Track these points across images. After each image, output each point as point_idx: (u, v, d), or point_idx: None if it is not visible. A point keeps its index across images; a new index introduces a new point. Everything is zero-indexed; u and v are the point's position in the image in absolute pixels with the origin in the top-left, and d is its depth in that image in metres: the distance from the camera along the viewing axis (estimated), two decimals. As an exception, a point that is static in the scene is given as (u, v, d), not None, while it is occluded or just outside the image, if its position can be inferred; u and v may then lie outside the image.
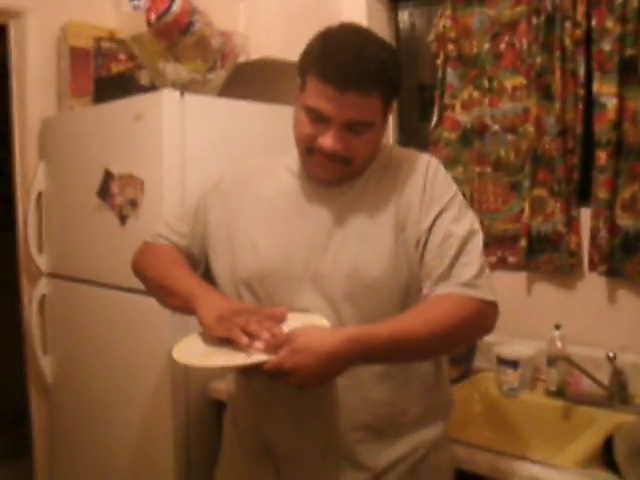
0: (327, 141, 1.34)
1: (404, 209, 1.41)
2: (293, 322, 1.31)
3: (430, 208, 1.40)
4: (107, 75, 2.69)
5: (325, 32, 1.36)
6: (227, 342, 1.29)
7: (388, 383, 1.42)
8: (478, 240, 1.40)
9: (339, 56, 1.28)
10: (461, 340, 1.44)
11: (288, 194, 1.49)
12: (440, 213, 1.39)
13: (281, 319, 1.31)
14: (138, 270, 1.63)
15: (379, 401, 1.42)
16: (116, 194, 2.30)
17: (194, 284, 1.44)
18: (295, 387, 1.20)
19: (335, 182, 1.44)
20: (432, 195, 1.41)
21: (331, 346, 1.18)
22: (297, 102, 1.41)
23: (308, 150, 1.39)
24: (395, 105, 1.44)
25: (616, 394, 2.01)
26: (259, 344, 1.23)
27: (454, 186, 1.46)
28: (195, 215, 1.58)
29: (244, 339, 1.25)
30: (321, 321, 1.32)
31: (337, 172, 1.41)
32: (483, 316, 1.35)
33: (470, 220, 1.42)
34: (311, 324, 1.29)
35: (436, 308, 1.32)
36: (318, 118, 1.34)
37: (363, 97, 1.30)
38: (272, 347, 1.21)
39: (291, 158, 1.53)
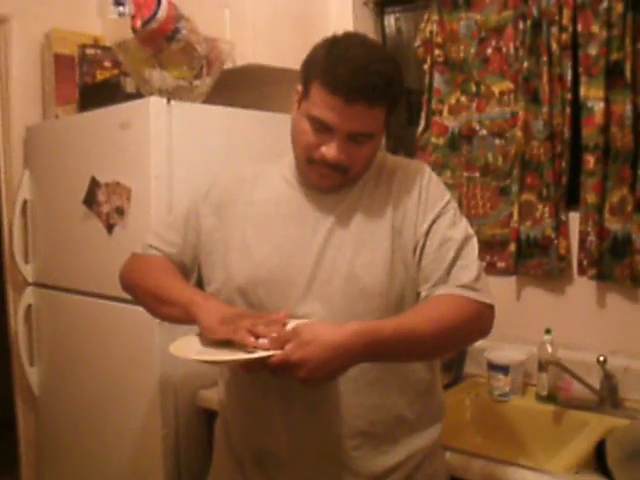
0: (331, 151, 1.34)
1: (400, 215, 1.42)
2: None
3: (426, 214, 1.42)
4: (92, 82, 2.67)
5: (331, 40, 1.36)
6: (224, 343, 1.27)
7: (382, 389, 1.42)
8: (474, 244, 1.43)
9: (347, 68, 1.28)
10: (461, 340, 1.44)
11: (283, 200, 1.48)
12: (436, 218, 1.42)
13: (283, 324, 1.30)
14: (127, 281, 1.60)
15: (374, 407, 1.41)
16: (102, 202, 2.28)
17: (192, 292, 1.43)
18: (300, 381, 1.19)
19: (332, 190, 1.44)
20: (427, 201, 1.43)
21: (337, 339, 1.18)
22: (298, 110, 1.40)
23: (309, 159, 1.39)
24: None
25: (607, 398, 2.01)
26: (263, 341, 1.22)
27: (447, 192, 1.49)
28: (186, 223, 1.56)
29: (251, 339, 1.23)
30: None
31: (336, 181, 1.41)
32: (482, 318, 1.38)
33: (465, 225, 1.45)
34: None
35: (438, 308, 1.33)
36: (322, 128, 1.34)
37: (369, 110, 1.30)
38: (278, 342, 1.20)
39: (285, 165, 1.52)
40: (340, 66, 1.29)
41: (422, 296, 1.39)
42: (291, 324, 1.30)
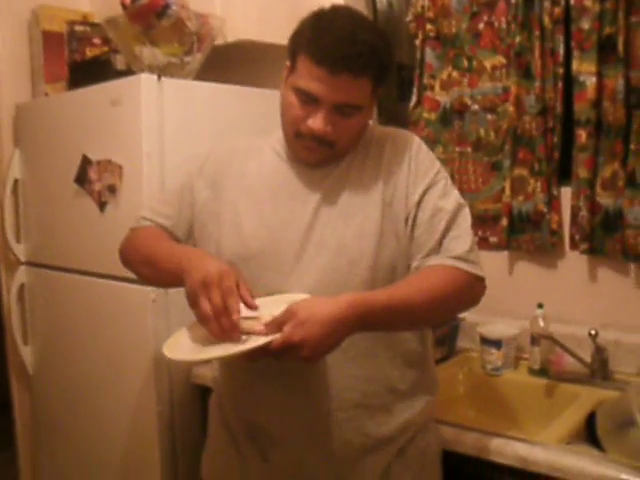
0: (317, 122, 1.34)
1: (390, 186, 1.43)
2: (275, 303, 1.30)
3: (417, 184, 1.42)
4: (82, 60, 2.64)
5: (317, 13, 1.36)
6: None
7: (373, 361, 1.43)
8: (466, 215, 1.44)
9: (332, 38, 1.28)
10: (451, 310, 1.47)
11: (273, 174, 1.49)
12: (427, 189, 1.42)
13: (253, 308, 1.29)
14: (125, 255, 1.60)
15: (365, 378, 1.42)
16: (94, 180, 2.27)
17: (185, 247, 1.46)
18: (303, 360, 1.20)
19: (320, 164, 1.44)
20: (417, 172, 1.43)
21: (333, 312, 1.19)
22: (286, 84, 1.40)
23: (296, 133, 1.40)
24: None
25: (598, 371, 2.03)
26: (259, 327, 1.22)
27: (437, 162, 1.49)
28: (180, 197, 1.57)
29: (209, 314, 1.23)
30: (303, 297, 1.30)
31: (322, 155, 1.42)
32: (472, 289, 1.40)
33: (456, 195, 1.46)
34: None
35: (430, 278, 1.35)
36: (308, 99, 1.34)
37: (354, 80, 1.30)
38: (274, 326, 1.20)
39: (276, 139, 1.52)
40: (325, 37, 1.29)
41: (413, 266, 1.40)
42: (270, 301, 1.30)
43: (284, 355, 1.19)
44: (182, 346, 1.31)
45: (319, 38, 1.30)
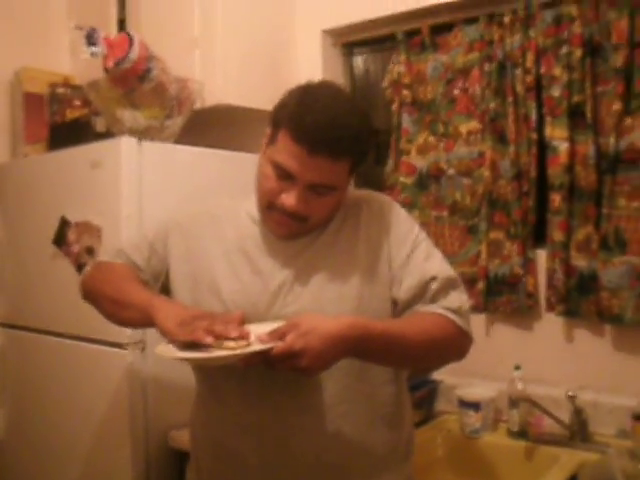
0: (290, 200, 1.34)
1: (371, 250, 1.43)
2: (257, 328, 1.30)
3: (400, 248, 1.43)
4: (62, 121, 2.66)
5: (303, 88, 1.37)
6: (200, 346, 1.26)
7: (353, 422, 1.42)
8: (455, 276, 1.45)
9: (314, 118, 1.28)
10: (438, 356, 1.47)
11: (250, 238, 1.48)
12: (411, 252, 1.43)
13: (241, 321, 1.30)
14: (89, 287, 1.58)
15: (344, 440, 1.41)
16: (73, 242, 2.26)
17: (151, 295, 1.43)
18: (300, 371, 1.20)
19: (289, 237, 1.44)
20: (398, 234, 1.45)
21: (334, 329, 1.21)
22: (264, 154, 1.40)
23: (269, 205, 1.40)
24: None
25: (577, 433, 2.04)
26: (263, 336, 1.23)
27: (415, 222, 1.51)
28: (150, 247, 1.56)
29: (209, 339, 1.23)
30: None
31: (293, 229, 1.42)
32: (460, 342, 1.42)
33: (439, 255, 1.48)
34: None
35: (423, 320, 1.38)
36: (284, 175, 1.34)
37: (332, 162, 1.31)
38: (276, 334, 1.21)
39: (251, 203, 1.51)
40: (307, 116, 1.29)
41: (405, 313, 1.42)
42: (253, 326, 1.30)
43: (282, 363, 1.20)
44: (176, 352, 1.28)
45: (301, 116, 1.30)
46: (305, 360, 1.18)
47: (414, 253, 1.43)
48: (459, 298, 1.43)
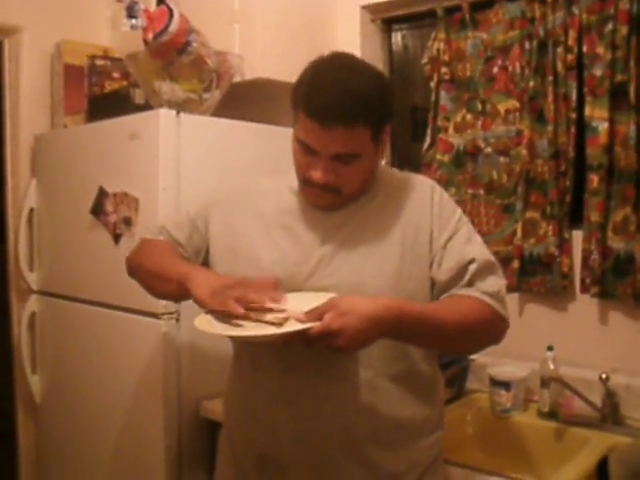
0: (317, 173, 1.37)
1: (412, 229, 1.45)
2: (298, 299, 1.33)
3: (441, 229, 1.45)
4: (101, 93, 2.69)
5: (314, 64, 1.38)
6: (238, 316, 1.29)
7: (385, 397, 1.43)
8: (494, 261, 1.48)
9: (323, 93, 1.31)
10: (474, 340, 1.47)
11: (291, 212, 1.51)
12: (453, 234, 1.46)
13: (275, 287, 1.34)
14: (133, 262, 1.64)
15: (375, 414, 1.43)
16: (110, 212, 2.29)
17: (188, 268, 1.46)
18: (337, 349, 1.22)
19: (329, 208, 1.46)
20: (440, 217, 1.47)
21: (372, 310, 1.23)
22: (293, 131, 1.44)
23: (304, 180, 1.43)
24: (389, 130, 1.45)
25: (609, 415, 2.02)
26: (300, 315, 1.25)
27: (458, 207, 1.53)
28: (192, 224, 1.60)
29: (240, 309, 1.27)
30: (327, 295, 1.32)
31: (329, 201, 1.44)
32: (496, 328, 1.45)
33: (480, 239, 1.50)
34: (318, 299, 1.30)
35: (460, 304, 1.40)
36: (309, 150, 1.37)
37: (347, 131, 1.32)
38: (314, 314, 1.23)
39: (293, 177, 1.53)
40: (317, 91, 1.32)
41: (442, 297, 1.44)
42: (295, 297, 1.34)
43: (320, 342, 1.22)
44: (214, 323, 1.31)
45: (311, 93, 1.33)
46: (342, 340, 1.21)
47: (455, 235, 1.46)
48: (497, 282, 1.45)
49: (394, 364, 1.43)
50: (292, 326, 1.24)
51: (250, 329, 1.27)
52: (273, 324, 1.25)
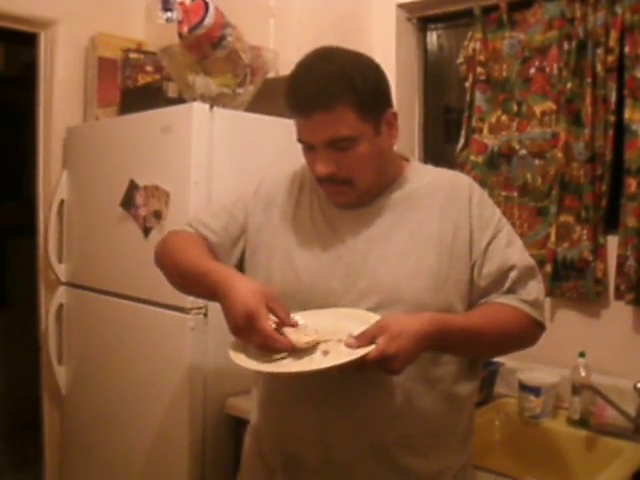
0: (318, 167, 1.37)
1: (450, 228, 1.41)
2: (347, 319, 1.32)
3: (482, 231, 1.42)
4: (134, 86, 2.69)
5: (297, 64, 1.38)
6: None
7: (417, 402, 1.40)
8: (533, 265, 1.45)
9: (297, 86, 1.33)
10: (510, 348, 1.51)
11: (325, 208, 1.48)
12: (493, 237, 1.42)
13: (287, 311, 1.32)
14: (160, 255, 1.60)
15: (407, 419, 1.40)
16: (140, 205, 2.29)
17: (218, 273, 1.38)
18: (391, 372, 1.23)
19: (353, 206, 1.44)
20: (481, 219, 1.43)
21: (420, 328, 1.23)
22: None
23: (316, 179, 1.43)
24: (397, 117, 1.42)
25: (642, 426, 1.98)
26: (351, 340, 1.23)
27: (497, 208, 1.50)
28: (230, 215, 1.57)
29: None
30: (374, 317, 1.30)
31: (345, 196, 1.42)
32: (534, 335, 1.46)
33: (519, 242, 1.47)
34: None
35: (500, 314, 1.39)
36: (308, 147, 1.38)
37: (327, 113, 1.30)
38: (365, 339, 1.21)
39: None
40: (293, 86, 1.35)
41: (482, 301, 1.42)
42: (344, 315, 1.33)
43: (373, 367, 1.21)
44: (249, 352, 1.29)
45: (290, 90, 1.35)
46: (397, 363, 1.21)
47: (495, 239, 1.43)
48: (537, 288, 1.44)
49: (427, 369, 1.40)
50: (339, 353, 1.23)
51: (299, 364, 1.25)
52: (307, 349, 1.25)
